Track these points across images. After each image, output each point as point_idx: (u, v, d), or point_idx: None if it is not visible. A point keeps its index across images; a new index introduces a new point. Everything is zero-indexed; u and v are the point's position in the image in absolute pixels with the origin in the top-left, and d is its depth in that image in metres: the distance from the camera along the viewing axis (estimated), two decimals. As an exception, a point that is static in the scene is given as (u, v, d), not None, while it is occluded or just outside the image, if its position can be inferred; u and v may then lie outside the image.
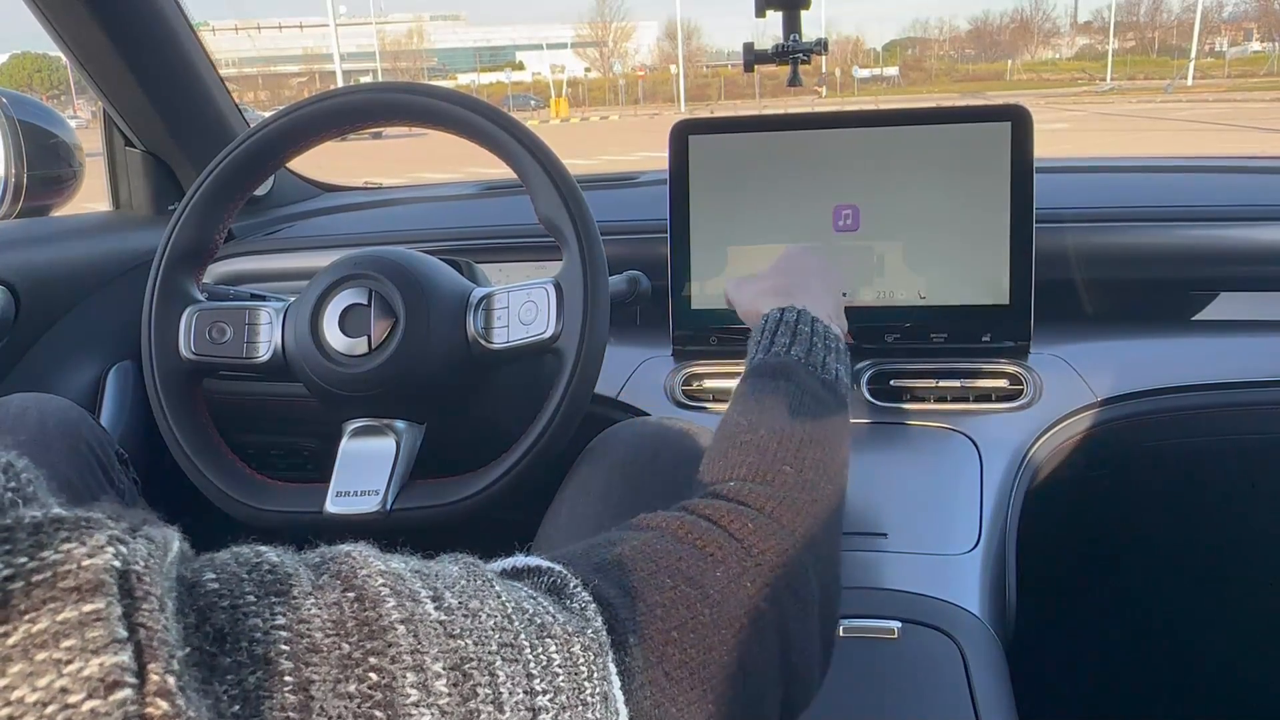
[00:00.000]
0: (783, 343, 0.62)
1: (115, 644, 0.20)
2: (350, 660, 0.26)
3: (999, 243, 0.93)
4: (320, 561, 0.29)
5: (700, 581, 0.40)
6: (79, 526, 0.22)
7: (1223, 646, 1.18)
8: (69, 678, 0.19)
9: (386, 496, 0.72)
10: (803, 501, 0.48)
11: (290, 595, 0.26)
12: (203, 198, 0.79)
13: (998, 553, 0.74)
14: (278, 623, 0.26)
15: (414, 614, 0.28)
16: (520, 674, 0.30)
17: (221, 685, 0.24)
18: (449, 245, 1.15)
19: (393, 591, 0.28)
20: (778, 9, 0.95)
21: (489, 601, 0.31)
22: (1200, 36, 42.25)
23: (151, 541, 0.24)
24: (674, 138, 0.98)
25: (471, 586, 0.31)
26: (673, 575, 0.40)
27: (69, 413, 0.78)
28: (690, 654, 0.38)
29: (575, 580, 0.36)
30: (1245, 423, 0.92)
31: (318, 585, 0.28)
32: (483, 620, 0.30)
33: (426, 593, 0.29)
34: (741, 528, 0.45)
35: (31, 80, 48.94)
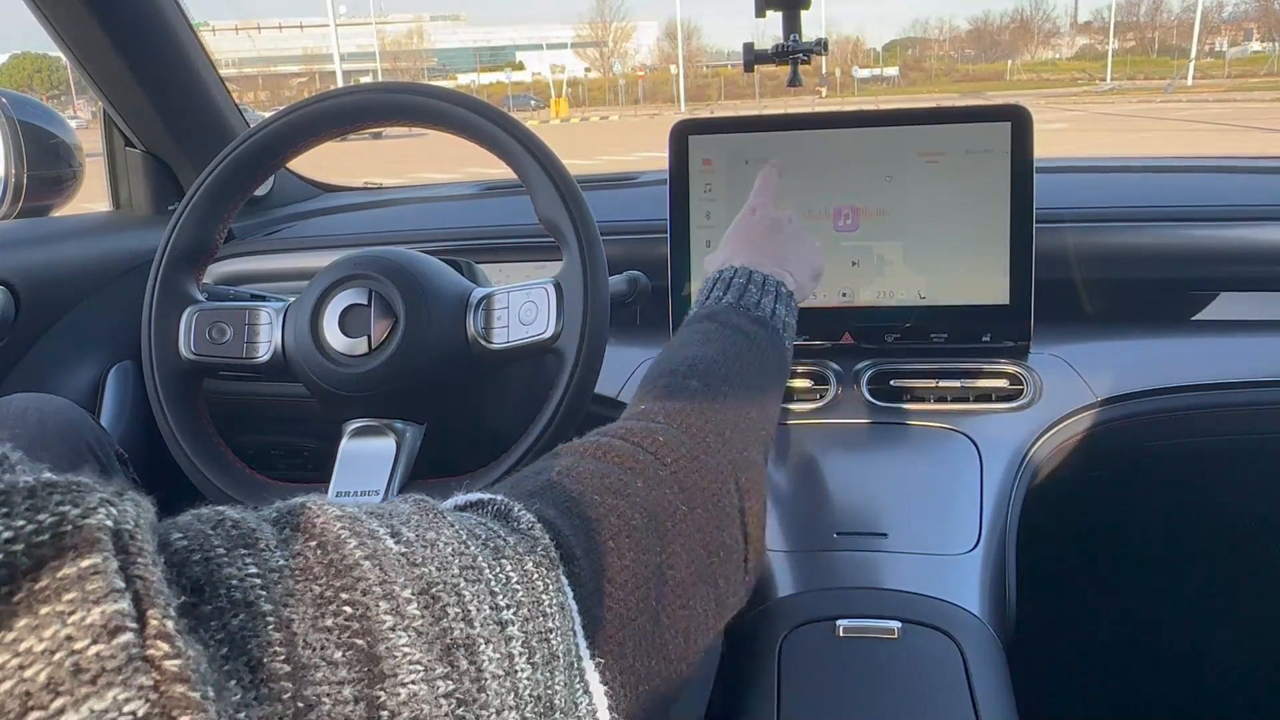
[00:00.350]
0: (717, 295, 0.64)
1: (114, 593, 0.21)
2: (323, 599, 0.27)
3: (999, 243, 0.93)
4: (278, 515, 0.30)
5: (625, 492, 0.43)
6: (71, 489, 0.23)
7: (1223, 646, 1.18)
8: (73, 626, 0.20)
9: (387, 496, 0.72)
10: (709, 411, 0.51)
11: (257, 547, 0.27)
12: (203, 198, 0.79)
13: (998, 553, 0.74)
14: (250, 571, 0.26)
15: (375, 550, 0.29)
16: (484, 592, 0.31)
17: (206, 631, 0.24)
18: (449, 245, 1.15)
19: (352, 533, 0.29)
20: (778, 9, 0.95)
21: (444, 531, 0.33)
22: (1200, 36, 42.26)
23: (139, 505, 0.25)
24: (674, 138, 0.98)
25: (425, 520, 0.33)
26: (600, 491, 0.43)
27: (69, 413, 0.78)
28: (628, 558, 0.40)
29: (518, 505, 0.38)
30: (1245, 423, 0.91)
31: (281, 539, 0.29)
32: (440, 548, 0.31)
33: (384, 530, 0.31)
34: (652, 441, 0.48)
35: (31, 80, 48.94)
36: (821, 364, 0.96)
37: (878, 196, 0.95)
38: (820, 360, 0.96)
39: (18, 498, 0.21)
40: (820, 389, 0.94)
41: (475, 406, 0.80)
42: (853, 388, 0.93)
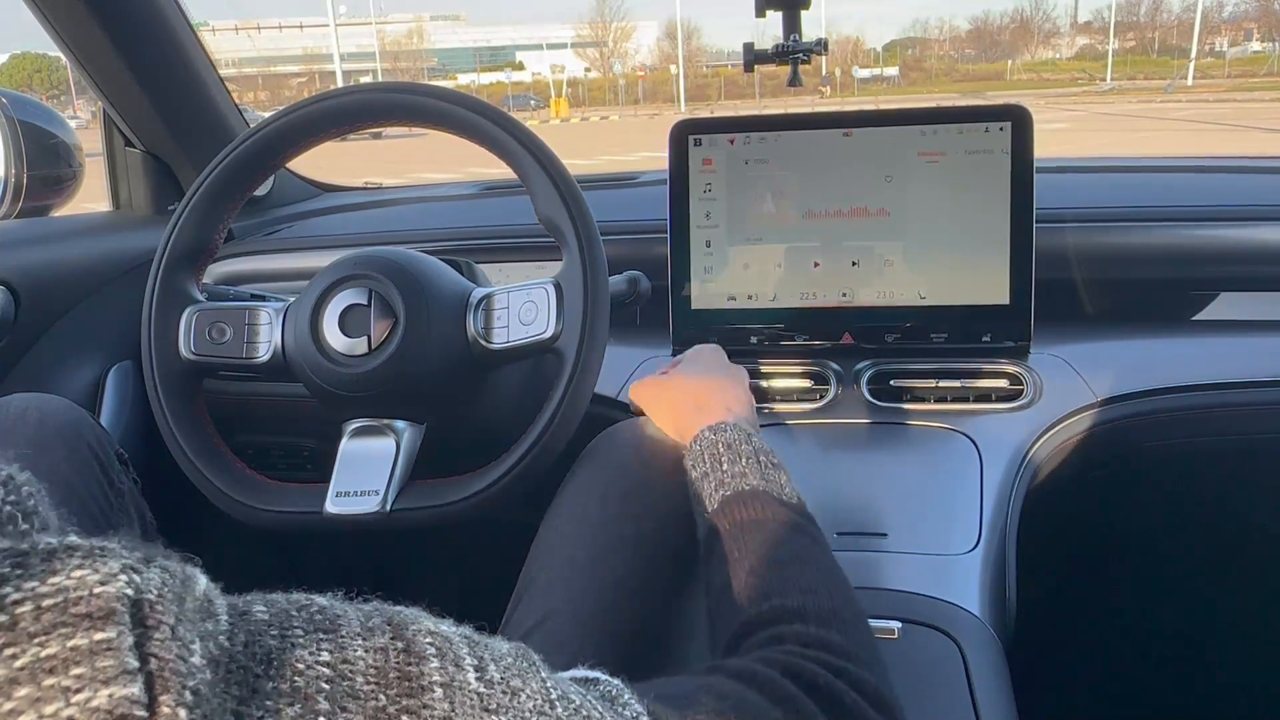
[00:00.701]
0: (736, 470, 0.59)
1: (125, 675, 0.20)
2: (384, 714, 0.26)
3: (999, 243, 0.93)
4: (371, 609, 0.29)
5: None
6: (93, 554, 0.22)
7: (1223, 646, 1.18)
8: (76, 707, 0.19)
9: (386, 497, 0.72)
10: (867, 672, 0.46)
11: (338, 634, 0.26)
12: (203, 198, 0.79)
13: (998, 553, 0.74)
14: (322, 658, 0.25)
15: (454, 680, 0.27)
16: None
17: (259, 710, 0.23)
18: (449, 245, 1.15)
19: (438, 652, 0.28)
20: (778, 9, 0.95)
21: (532, 683, 0.30)
22: (1200, 36, 42.26)
23: (167, 572, 0.24)
24: (674, 138, 0.98)
25: (517, 666, 0.30)
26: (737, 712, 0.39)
27: (69, 413, 0.78)
28: None
29: (630, 693, 0.36)
30: (1245, 423, 0.91)
31: (366, 628, 0.27)
32: (522, 700, 0.29)
33: (471, 660, 0.29)
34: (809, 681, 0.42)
35: (31, 80, 48.93)
36: (821, 364, 0.96)
37: (878, 196, 0.95)
38: (820, 360, 0.96)
39: (35, 559, 0.20)
40: (820, 389, 0.94)
41: (475, 406, 0.80)
42: (853, 388, 0.93)
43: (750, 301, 0.98)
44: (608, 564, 0.62)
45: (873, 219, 0.96)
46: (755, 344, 0.98)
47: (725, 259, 0.98)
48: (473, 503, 0.71)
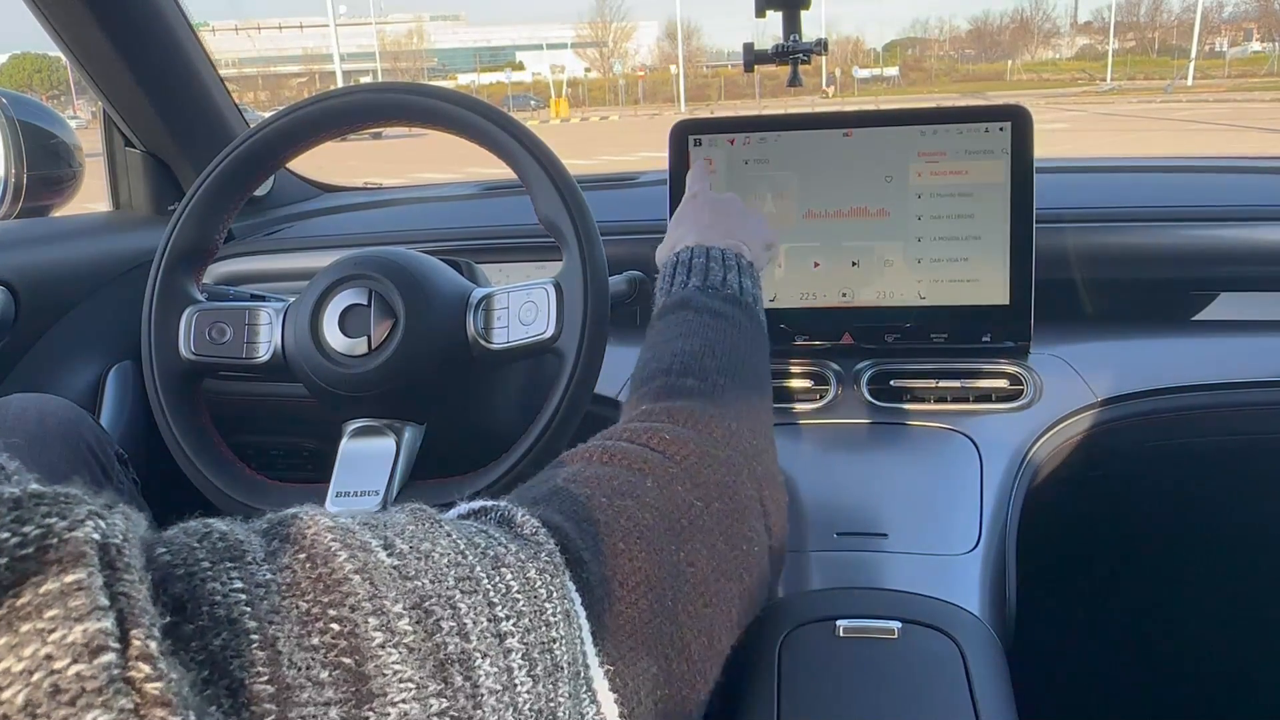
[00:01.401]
0: (680, 280, 0.64)
1: (98, 610, 0.20)
2: (310, 615, 0.26)
3: (999, 243, 0.93)
4: (268, 527, 0.29)
5: (634, 493, 0.42)
6: (58, 501, 0.22)
7: (1223, 646, 1.18)
8: (53, 645, 0.20)
9: (387, 496, 0.72)
10: (712, 405, 0.51)
11: (244, 561, 0.27)
12: (203, 198, 0.79)
13: (998, 553, 0.74)
14: (235, 586, 0.26)
15: (367, 563, 0.28)
16: (481, 603, 0.30)
17: (187, 651, 0.24)
18: (449, 245, 1.15)
19: (343, 545, 0.28)
20: (778, 9, 0.95)
21: (440, 541, 0.32)
22: (1200, 36, 42.26)
23: (128, 518, 0.24)
24: (674, 138, 0.98)
25: (421, 530, 0.32)
26: (607, 493, 0.41)
27: (68, 413, 0.78)
28: (640, 560, 0.39)
29: (521, 511, 0.37)
30: (1246, 423, 0.91)
31: (269, 550, 0.28)
32: (436, 559, 0.30)
33: (376, 542, 0.30)
34: (659, 441, 0.47)
35: (31, 80, 48.94)
36: (821, 364, 0.96)
37: (878, 196, 0.95)
38: (820, 360, 0.96)
39: (2, 509, 0.21)
40: (820, 389, 0.94)
41: (475, 407, 0.80)
42: (853, 388, 0.93)
43: (750, 301, 0.98)
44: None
45: (873, 219, 0.96)
46: (755, 344, 0.98)
47: (725, 259, 0.98)
48: (473, 503, 0.70)
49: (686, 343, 0.57)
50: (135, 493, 0.81)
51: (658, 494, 0.43)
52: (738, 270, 0.65)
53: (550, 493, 0.41)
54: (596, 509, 0.40)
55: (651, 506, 0.42)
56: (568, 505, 0.40)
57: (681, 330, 0.59)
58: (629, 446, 0.46)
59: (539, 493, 0.41)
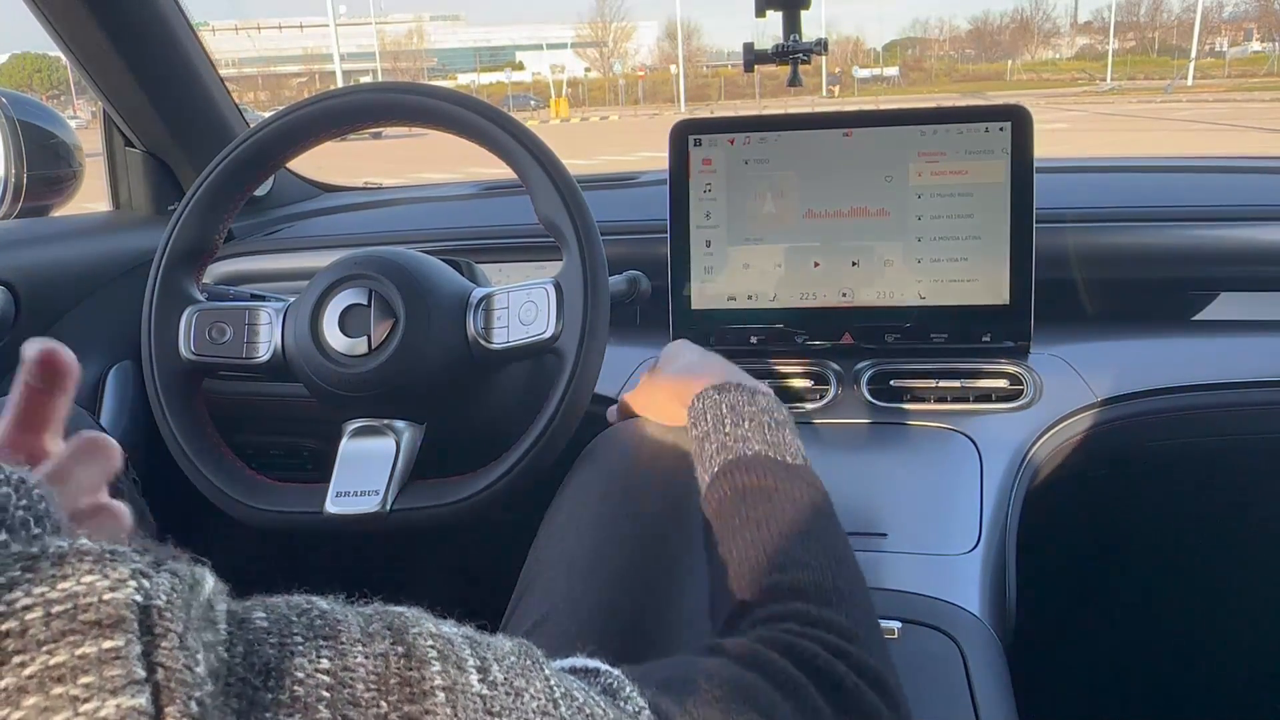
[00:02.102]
0: (740, 433, 0.56)
1: (133, 685, 0.20)
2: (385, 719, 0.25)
3: (999, 242, 0.93)
4: (372, 612, 0.29)
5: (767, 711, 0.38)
6: (103, 559, 0.22)
7: (1223, 646, 1.18)
8: (84, 717, 0.19)
9: (386, 497, 0.72)
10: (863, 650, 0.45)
11: (338, 640, 0.26)
12: (202, 198, 0.79)
13: (998, 553, 0.74)
14: (322, 666, 0.25)
15: (457, 683, 0.27)
16: None
17: None
18: (449, 245, 1.15)
19: (439, 655, 0.28)
20: (778, 9, 0.95)
21: (535, 683, 0.30)
22: (1200, 36, 42.26)
23: (176, 576, 0.24)
24: (674, 138, 0.98)
25: (520, 664, 0.30)
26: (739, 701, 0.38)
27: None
28: None
29: (631, 685, 0.35)
30: (1245, 423, 0.91)
31: (367, 633, 0.27)
32: (525, 701, 0.29)
33: (474, 662, 0.28)
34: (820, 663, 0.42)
35: (31, 80, 48.93)
36: (821, 364, 0.96)
37: (878, 196, 0.95)
38: (820, 360, 0.96)
39: (45, 563, 0.20)
40: (820, 389, 0.94)
41: (475, 407, 0.80)
42: (853, 388, 0.93)
43: (750, 301, 0.98)
44: (608, 562, 0.62)
45: (873, 219, 0.96)
46: (755, 344, 0.98)
47: (725, 259, 0.98)
48: (473, 503, 0.71)
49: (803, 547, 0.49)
50: (135, 493, 0.81)
51: None
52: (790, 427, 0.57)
53: (677, 680, 0.38)
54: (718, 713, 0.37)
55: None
56: (689, 700, 0.37)
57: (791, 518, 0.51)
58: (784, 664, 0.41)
59: (666, 675, 0.39)
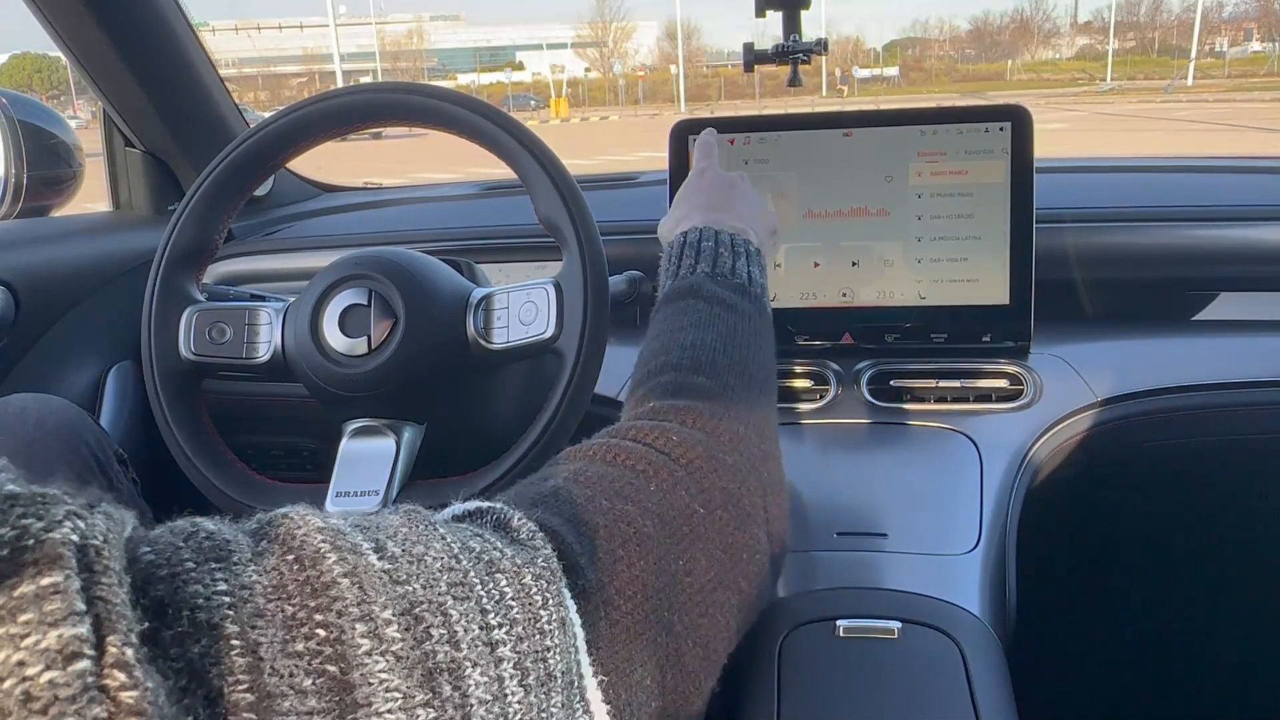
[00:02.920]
0: (688, 263, 0.62)
1: (74, 616, 0.20)
2: (295, 620, 0.25)
3: (999, 243, 0.93)
4: (258, 527, 0.29)
5: (635, 497, 0.41)
6: (35, 501, 0.22)
7: (1223, 646, 1.18)
8: (26, 651, 0.19)
9: (386, 497, 0.72)
10: (722, 408, 0.49)
11: (230, 561, 0.26)
12: (203, 198, 0.79)
13: (998, 553, 0.74)
14: (219, 588, 0.25)
15: (356, 566, 0.28)
16: (473, 610, 0.29)
17: (165, 659, 0.23)
18: (449, 245, 1.15)
19: (333, 547, 0.28)
20: (778, 9, 0.95)
21: (434, 545, 0.31)
22: (1200, 36, 42.26)
23: (110, 518, 0.24)
24: (674, 138, 0.98)
25: (415, 533, 0.31)
26: (609, 496, 0.40)
27: (68, 413, 0.78)
28: (638, 567, 0.38)
29: (518, 514, 0.36)
30: (1245, 423, 0.91)
31: (256, 551, 0.27)
32: (429, 564, 0.30)
33: (368, 544, 0.29)
34: (666, 442, 0.45)
35: (31, 80, 48.93)
36: (821, 364, 0.96)
37: (878, 196, 0.95)
38: (820, 360, 0.96)
39: None
40: (820, 389, 0.94)
41: (475, 407, 0.80)
42: (853, 388, 0.93)
43: (750, 301, 0.98)
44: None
45: (873, 219, 0.96)
46: (755, 344, 0.98)
47: (725, 259, 0.98)
48: (473, 503, 0.70)
49: (697, 335, 0.55)
50: (135, 493, 0.81)
51: (660, 499, 0.42)
52: (746, 258, 0.63)
53: (549, 493, 0.40)
54: (597, 513, 0.39)
55: (653, 512, 0.41)
56: (567, 508, 0.39)
57: (691, 321, 0.57)
58: (634, 446, 0.45)
59: (538, 492, 0.40)
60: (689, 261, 0.62)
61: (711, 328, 0.56)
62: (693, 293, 0.59)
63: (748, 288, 0.61)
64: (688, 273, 0.61)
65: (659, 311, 0.61)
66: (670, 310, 0.59)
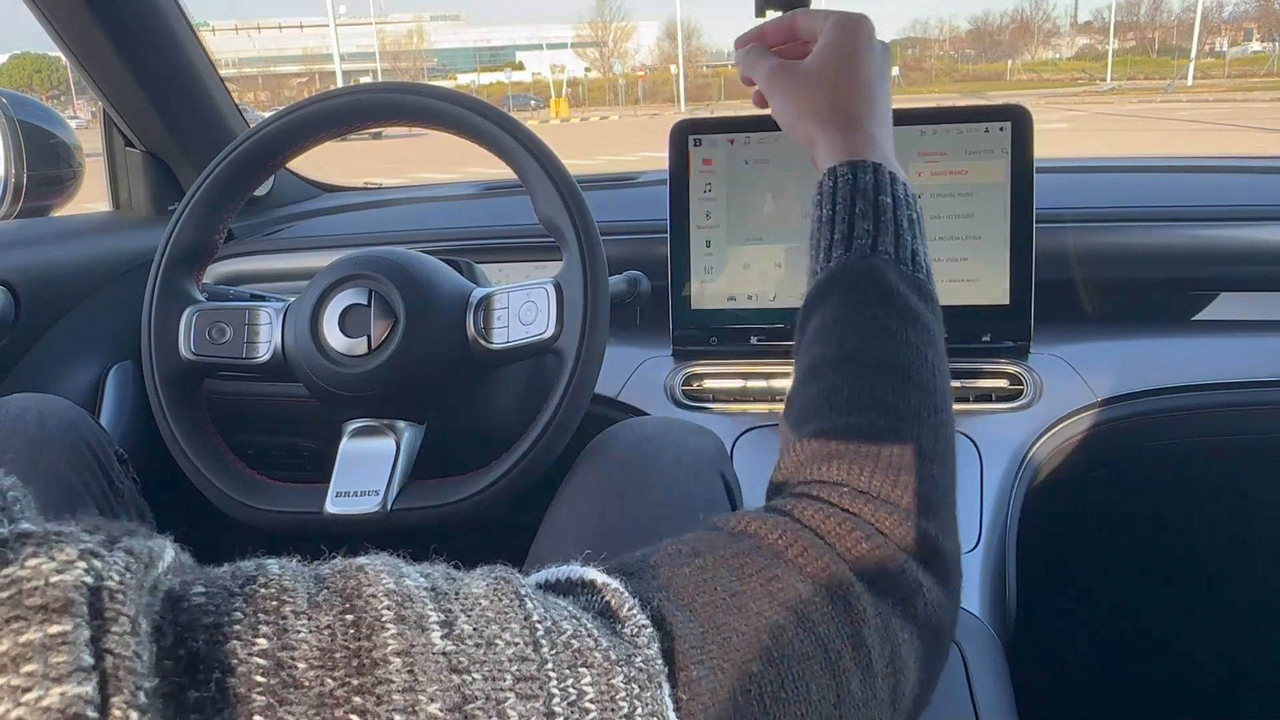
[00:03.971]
0: (864, 228, 0.50)
1: (79, 672, 0.19)
2: (332, 698, 0.23)
3: (999, 242, 0.93)
4: (327, 574, 0.26)
5: (796, 606, 0.35)
6: (48, 540, 0.21)
7: (1222, 646, 1.18)
8: (26, 707, 0.18)
9: (386, 496, 0.72)
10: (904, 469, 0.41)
11: (280, 614, 0.24)
12: (203, 198, 0.79)
13: (998, 553, 0.74)
14: (259, 646, 0.23)
15: (414, 645, 0.25)
16: (538, 712, 0.26)
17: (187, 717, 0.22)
18: (449, 245, 1.15)
19: (396, 617, 0.25)
20: (778, 9, 0.95)
21: (512, 625, 0.27)
22: (1200, 36, 42.27)
23: (131, 555, 0.22)
24: (674, 138, 0.98)
25: (495, 607, 0.28)
26: (759, 598, 0.34)
27: (68, 413, 0.77)
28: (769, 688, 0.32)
29: (632, 601, 0.32)
30: (1245, 423, 0.91)
31: (314, 603, 0.25)
32: (499, 649, 0.26)
33: (436, 617, 0.26)
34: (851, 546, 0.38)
35: (31, 80, 48.95)
36: (821, 364, 0.95)
37: (878, 196, 0.95)
38: (820, 360, 0.96)
39: None
40: (820, 389, 0.93)
41: (475, 406, 0.80)
42: None
43: (750, 301, 0.98)
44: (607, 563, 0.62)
45: (873, 219, 0.96)
46: (755, 344, 0.98)
47: (725, 259, 0.98)
48: (473, 503, 0.70)
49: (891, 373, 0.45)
50: (135, 493, 0.81)
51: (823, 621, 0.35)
52: (919, 229, 0.51)
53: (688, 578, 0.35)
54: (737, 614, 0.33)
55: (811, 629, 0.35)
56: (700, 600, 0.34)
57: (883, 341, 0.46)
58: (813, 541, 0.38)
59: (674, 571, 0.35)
60: (865, 225, 0.50)
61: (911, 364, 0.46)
62: (877, 290, 0.48)
63: (928, 286, 0.50)
64: (864, 245, 0.49)
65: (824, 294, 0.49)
66: (846, 308, 0.48)
